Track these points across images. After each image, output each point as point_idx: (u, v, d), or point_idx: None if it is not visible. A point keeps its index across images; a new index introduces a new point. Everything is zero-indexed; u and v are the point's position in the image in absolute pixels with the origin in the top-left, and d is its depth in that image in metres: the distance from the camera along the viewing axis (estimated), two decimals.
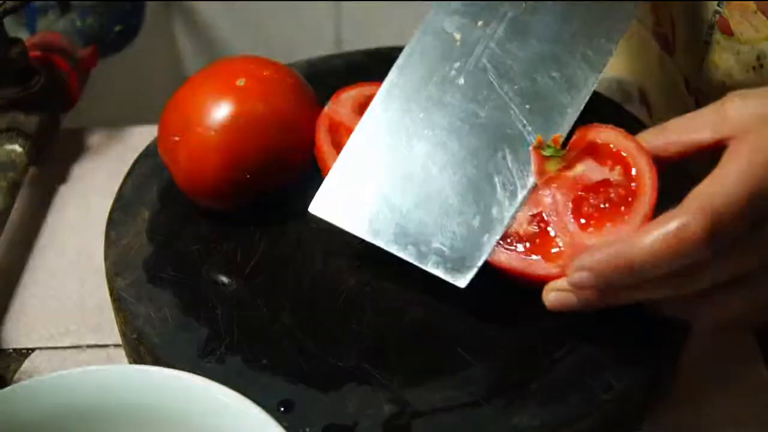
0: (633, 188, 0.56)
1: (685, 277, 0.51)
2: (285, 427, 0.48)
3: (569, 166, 0.58)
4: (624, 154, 0.57)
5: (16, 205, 0.75)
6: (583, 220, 0.56)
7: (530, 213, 0.58)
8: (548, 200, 0.58)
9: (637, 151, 0.56)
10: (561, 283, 0.54)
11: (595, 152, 0.58)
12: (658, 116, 0.84)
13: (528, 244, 0.57)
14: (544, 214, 0.58)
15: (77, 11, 0.87)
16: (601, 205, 0.56)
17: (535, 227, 0.57)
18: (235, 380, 0.54)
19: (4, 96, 0.76)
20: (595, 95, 0.63)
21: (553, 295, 0.55)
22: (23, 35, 0.78)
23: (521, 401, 0.53)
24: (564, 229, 0.56)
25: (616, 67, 0.90)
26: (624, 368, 0.55)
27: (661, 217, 0.50)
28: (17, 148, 0.74)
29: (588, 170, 0.58)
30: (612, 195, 0.56)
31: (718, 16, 0.67)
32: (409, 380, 0.55)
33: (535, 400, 0.53)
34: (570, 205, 0.57)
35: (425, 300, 0.59)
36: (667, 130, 0.57)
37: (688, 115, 0.56)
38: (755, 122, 0.52)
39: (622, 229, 0.54)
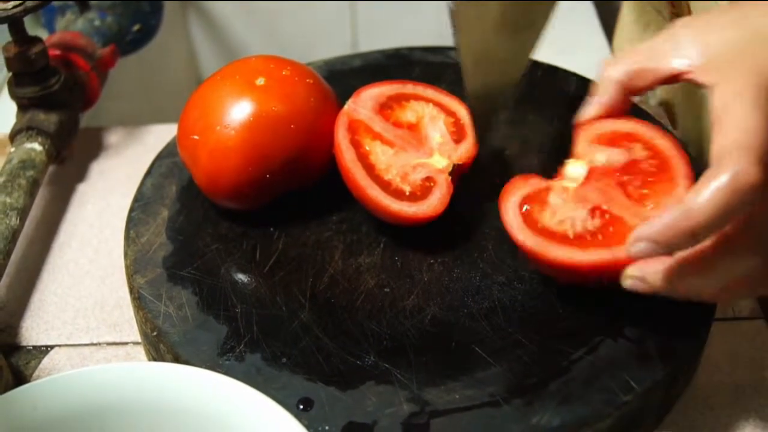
0: (661, 157, 0.56)
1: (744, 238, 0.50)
2: (304, 426, 0.49)
3: (591, 161, 0.59)
4: (631, 132, 0.58)
5: (35, 204, 0.76)
6: (636, 198, 0.56)
7: (585, 211, 0.57)
8: (594, 194, 0.57)
9: (642, 125, 0.57)
10: (631, 270, 0.54)
11: (604, 140, 0.59)
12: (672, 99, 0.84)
13: (601, 237, 0.56)
14: (601, 206, 0.57)
15: (96, 11, 0.88)
16: (645, 180, 0.56)
17: (599, 220, 0.56)
18: (255, 378, 0.55)
19: (24, 95, 0.76)
20: None
21: (629, 282, 0.54)
22: (42, 35, 0.78)
23: (540, 401, 0.53)
24: (628, 210, 0.56)
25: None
26: (643, 369, 0.55)
27: (704, 178, 0.49)
28: (37, 146, 0.74)
29: (609, 157, 0.58)
30: (648, 168, 0.57)
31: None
32: (429, 379, 0.55)
33: (555, 400, 0.53)
34: (617, 188, 0.57)
35: (444, 300, 0.59)
36: (620, 63, 0.56)
37: (640, 47, 0.56)
38: (724, 58, 0.52)
39: (677, 192, 0.55)
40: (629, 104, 0.58)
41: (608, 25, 1.12)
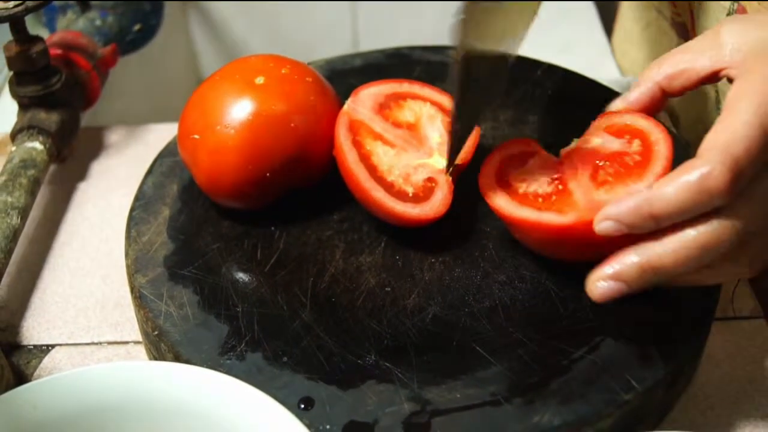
0: (649, 155, 0.57)
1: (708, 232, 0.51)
2: (305, 425, 0.49)
3: (586, 141, 0.60)
4: (640, 128, 0.58)
5: (36, 203, 0.76)
6: (599, 181, 0.58)
7: (551, 177, 0.59)
8: (565, 168, 0.60)
9: (654, 125, 0.58)
10: (600, 272, 0.55)
11: (613, 130, 0.59)
12: (675, 103, 0.84)
13: (542, 200, 0.58)
14: (562, 178, 0.59)
15: (97, 11, 0.88)
16: (617, 169, 0.57)
17: (552, 188, 0.59)
18: (256, 377, 0.55)
19: (25, 94, 0.76)
20: (613, 94, 0.64)
21: (598, 285, 0.55)
22: (43, 34, 0.78)
23: (541, 400, 0.53)
24: (580, 187, 0.58)
25: (634, 63, 0.90)
26: (644, 368, 0.55)
27: (681, 167, 0.50)
28: (38, 145, 0.74)
29: (605, 142, 0.59)
30: (628, 161, 0.57)
31: (737, 4, 0.67)
32: (430, 378, 0.55)
33: (555, 399, 0.53)
34: (588, 168, 0.58)
35: (445, 299, 0.59)
36: (664, 64, 0.57)
37: (683, 46, 0.56)
38: (754, 53, 0.52)
39: (636, 186, 0.55)
40: (664, 103, 0.58)
41: (609, 24, 1.11)
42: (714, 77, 0.54)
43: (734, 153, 0.49)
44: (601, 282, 0.54)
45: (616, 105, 0.60)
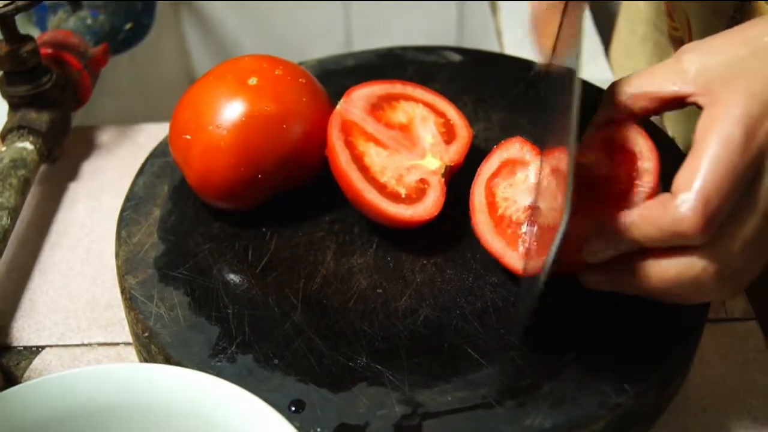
0: (626, 186, 0.56)
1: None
2: (296, 427, 0.48)
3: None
4: (635, 152, 0.57)
5: (27, 203, 0.75)
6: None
7: (527, 205, 0.61)
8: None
9: (650, 151, 0.56)
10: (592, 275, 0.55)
11: (605, 146, 0.58)
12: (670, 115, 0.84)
13: (510, 231, 0.60)
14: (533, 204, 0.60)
15: (88, 9, 0.87)
16: (591, 194, 0.57)
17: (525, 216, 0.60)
18: (246, 380, 0.55)
19: (16, 94, 0.76)
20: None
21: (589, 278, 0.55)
22: (34, 33, 0.78)
23: (533, 403, 0.53)
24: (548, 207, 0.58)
25: (625, 60, 0.90)
26: (635, 370, 0.55)
27: (655, 202, 0.50)
28: (28, 145, 0.74)
29: (596, 162, 0.58)
30: (609, 188, 0.56)
31: (734, 20, 0.67)
32: (421, 381, 0.55)
33: (547, 402, 0.53)
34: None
35: (437, 301, 0.59)
36: (631, 84, 0.56)
37: (649, 69, 0.56)
38: (719, 79, 0.51)
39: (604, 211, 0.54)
40: (634, 120, 0.57)
41: (603, 29, 1.12)
42: (679, 102, 0.54)
43: (705, 194, 0.48)
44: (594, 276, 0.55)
45: (591, 124, 0.59)
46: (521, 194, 0.61)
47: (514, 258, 0.59)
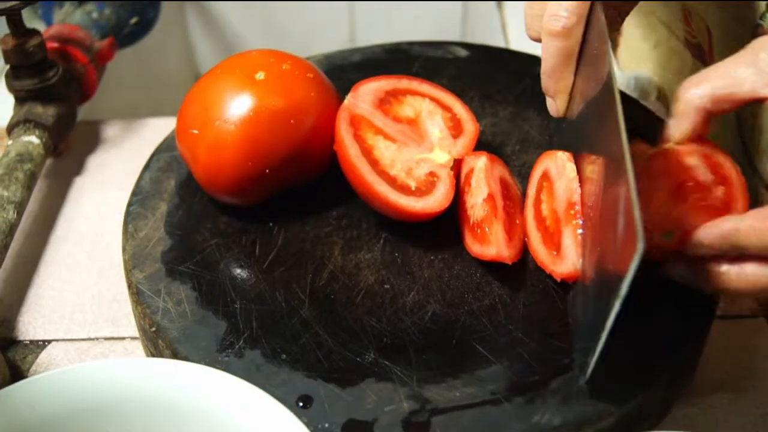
0: (731, 194, 0.56)
1: None
2: (304, 423, 0.48)
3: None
4: (720, 165, 0.57)
5: (33, 197, 0.75)
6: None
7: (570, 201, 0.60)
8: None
9: (731, 165, 0.57)
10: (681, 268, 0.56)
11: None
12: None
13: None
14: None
15: (94, 3, 0.87)
16: (700, 195, 0.57)
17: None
18: (254, 375, 0.54)
19: (22, 88, 0.76)
20: None
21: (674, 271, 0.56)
22: (40, 27, 0.77)
23: (541, 399, 0.53)
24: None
25: (636, 65, 0.89)
26: (644, 367, 0.55)
27: (729, 218, 0.52)
28: (34, 139, 0.74)
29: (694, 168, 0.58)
30: (711, 192, 0.57)
31: (759, 27, 0.66)
32: (429, 377, 0.54)
33: (556, 398, 0.53)
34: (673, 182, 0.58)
35: (445, 297, 0.59)
36: (704, 86, 0.55)
37: (719, 69, 0.55)
38: None
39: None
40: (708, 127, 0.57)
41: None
42: (757, 102, 0.53)
43: None
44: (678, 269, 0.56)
45: (674, 137, 0.58)
46: (558, 201, 0.60)
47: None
